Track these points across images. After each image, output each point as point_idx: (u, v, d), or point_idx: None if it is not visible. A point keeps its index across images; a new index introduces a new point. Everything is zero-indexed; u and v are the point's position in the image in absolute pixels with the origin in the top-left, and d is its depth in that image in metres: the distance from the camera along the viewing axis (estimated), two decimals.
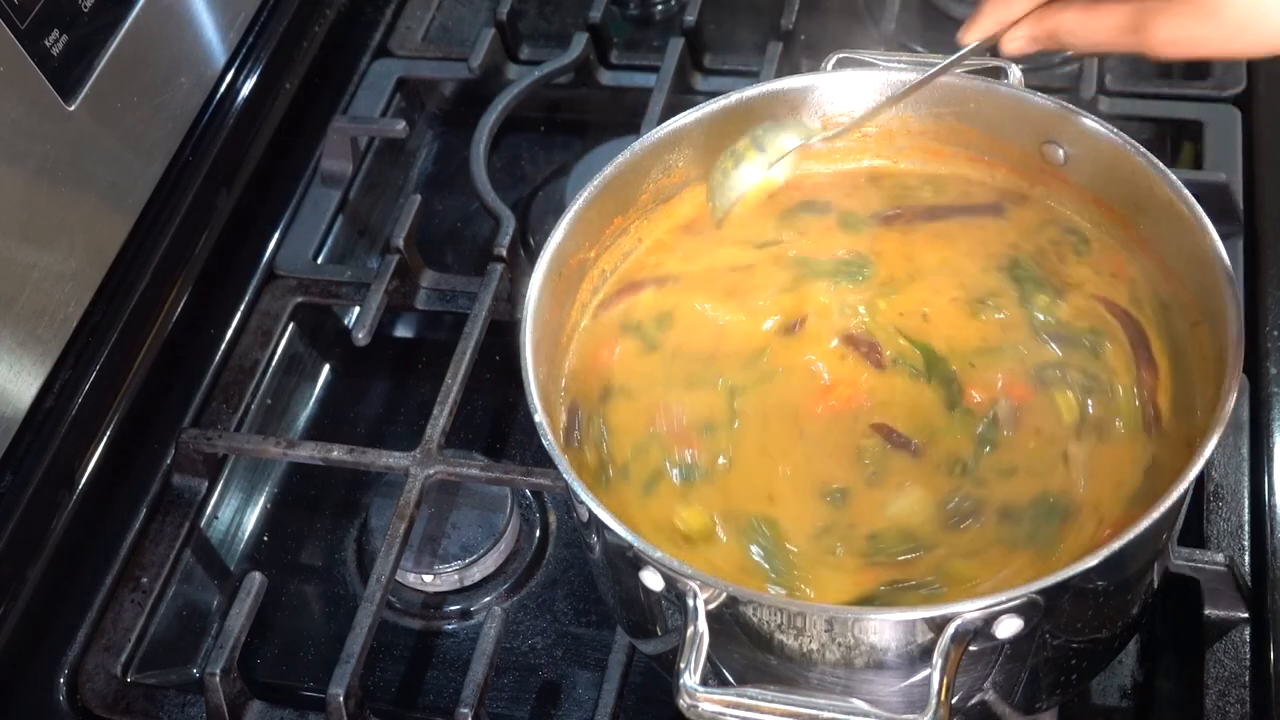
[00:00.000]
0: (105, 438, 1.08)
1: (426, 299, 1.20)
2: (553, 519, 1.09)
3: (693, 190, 0.97)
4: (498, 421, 1.17)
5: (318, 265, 1.24)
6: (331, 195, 1.29)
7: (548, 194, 1.31)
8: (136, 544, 1.07)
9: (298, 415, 1.21)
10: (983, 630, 0.72)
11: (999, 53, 0.85)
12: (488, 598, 1.05)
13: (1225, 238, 0.83)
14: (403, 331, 1.25)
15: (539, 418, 0.80)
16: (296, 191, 1.28)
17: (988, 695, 0.81)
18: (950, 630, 0.71)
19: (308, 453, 1.08)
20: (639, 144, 0.93)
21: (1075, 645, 0.82)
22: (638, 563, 0.77)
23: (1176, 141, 1.24)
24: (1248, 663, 0.92)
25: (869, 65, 0.96)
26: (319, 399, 1.22)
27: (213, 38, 1.21)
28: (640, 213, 0.96)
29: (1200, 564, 0.93)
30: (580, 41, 1.32)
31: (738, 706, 0.71)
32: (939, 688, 0.70)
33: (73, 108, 1.03)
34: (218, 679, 0.94)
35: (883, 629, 0.74)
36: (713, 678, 0.81)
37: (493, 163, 1.27)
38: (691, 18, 1.31)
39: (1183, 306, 0.88)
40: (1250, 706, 0.90)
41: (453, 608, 1.05)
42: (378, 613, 0.96)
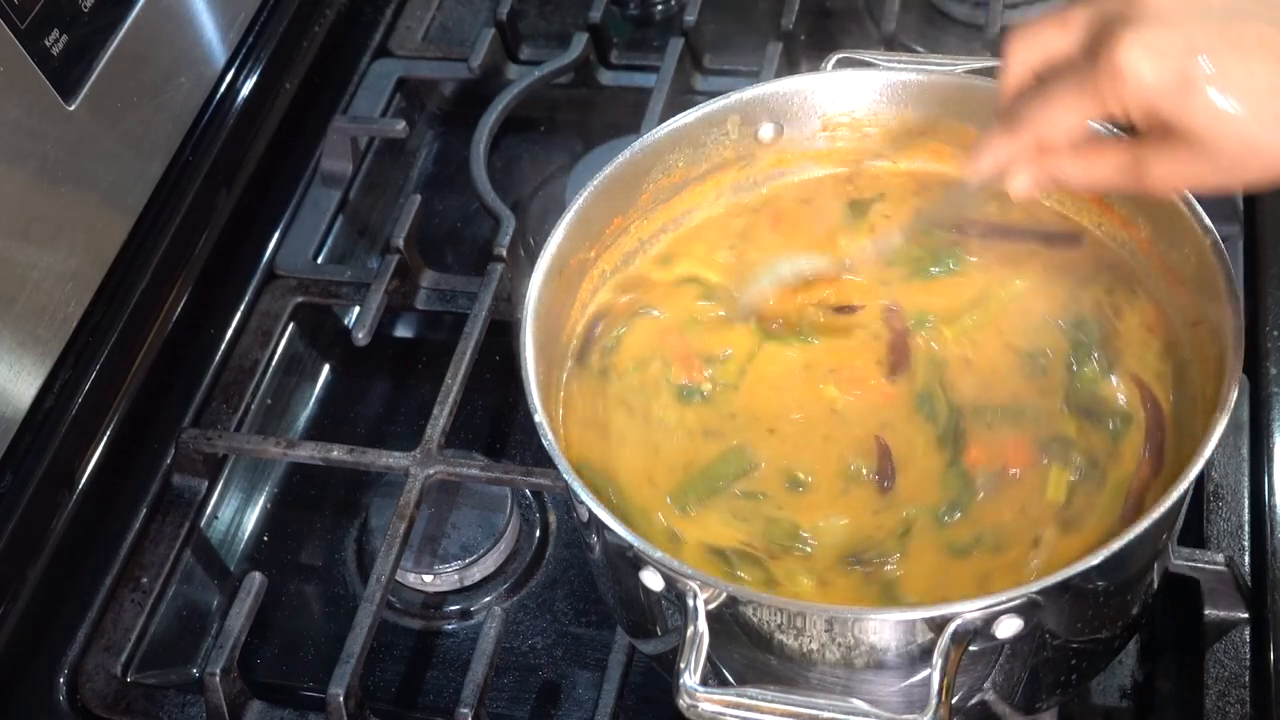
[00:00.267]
0: (105, 438, 1.09)
1: (426, 299, 1.20)
2: (553, 519, 1.09)
3: (693, 190, 0.98)
4: (498, 421, 1.17)
5: (318, 265, 1.24)
6: (331, 195, 1.29)
7: (548, 194, 1.31)
8: (136, 544, 1.07)
9: (298, 415, 1.21)
10: (983, 630, 0.72)
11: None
12: (488, 598, 1.05)
13: (1225, 238, 0.83)
14: (403, 331, 1.25)
15: (539, 418, 0.80)
16: (296, 191, 1.28)
17: (988, 695, 0.81)
18: (950, 630, 0.71)
19: (308, 453, 1.09)
20: (639, 144, 0.94)
21: (1075, 645, 0.82)
22: (638, 563, 0.77)
23: None
24: (1248, 663, 0.92)
25: (869, 65, 0.96)
26: (319, 399, 1.22)
27: (213, 38, 1.21)
28: (640, 213, 0.96)
29: (1200, 564, 0.93)
30: (580, 41, 1.32)
31: (738, 706, 0.71)
32: (939, 688, 0.70)
33: (73, 108, 1.03)
34: (218, 679, 0.94)
35: (883, 629, 0.74)
36: (713, 678, 0.81)
37: (493, 163, 1.26)
38: (691, 18, 1.31)
39: (1183, 307, 0.88)
40: (1250, 706, 0.90)
41: (453, 608, 1.05)
42: (378, 613, 0.96)
